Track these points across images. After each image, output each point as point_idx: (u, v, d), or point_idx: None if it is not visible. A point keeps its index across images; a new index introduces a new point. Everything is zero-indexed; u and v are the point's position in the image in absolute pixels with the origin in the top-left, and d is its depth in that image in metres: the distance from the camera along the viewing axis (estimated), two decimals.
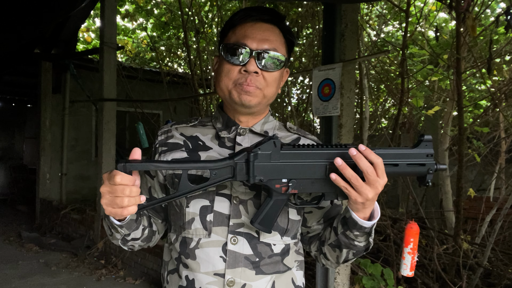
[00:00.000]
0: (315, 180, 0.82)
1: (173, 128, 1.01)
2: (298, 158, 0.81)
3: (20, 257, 4.72)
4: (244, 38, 0.90)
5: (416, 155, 0.83)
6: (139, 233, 0.94)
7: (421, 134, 0.84)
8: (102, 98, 4.82)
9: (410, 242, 1.49)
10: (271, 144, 0.81)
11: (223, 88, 0.93)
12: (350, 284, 2.82)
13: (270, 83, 0.92)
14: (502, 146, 4.14)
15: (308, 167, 0.81)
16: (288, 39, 0.97)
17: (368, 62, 4.74)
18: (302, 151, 0.82)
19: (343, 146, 0.81)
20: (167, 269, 0.98)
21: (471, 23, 2.37)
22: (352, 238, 0.88)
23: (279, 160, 0.81)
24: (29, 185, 8.18)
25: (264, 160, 0.81)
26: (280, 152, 0.81)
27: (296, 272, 0.98)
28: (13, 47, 4.84)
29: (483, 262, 3.20)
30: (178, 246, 0.94)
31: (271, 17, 0.94)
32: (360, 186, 0.77)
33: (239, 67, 0.91)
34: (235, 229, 0.90)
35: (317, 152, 0.81)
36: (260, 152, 0.80)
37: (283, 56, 0.93)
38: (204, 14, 6.81)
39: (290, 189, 0.82)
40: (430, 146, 0.83)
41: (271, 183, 0.82)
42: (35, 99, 7.12)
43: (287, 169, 0.81)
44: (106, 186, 0.77)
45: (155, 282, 3.96)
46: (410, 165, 0.83)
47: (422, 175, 0.84)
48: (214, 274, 0.89)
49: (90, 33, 9.36)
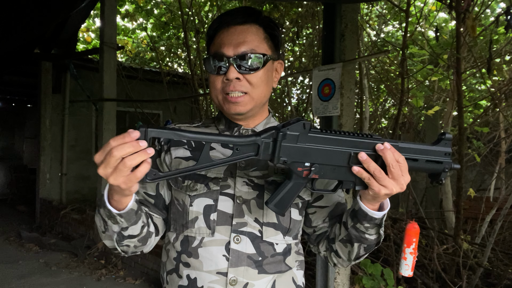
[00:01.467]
0: (337, 167, 0.81)
1: (176, 128, 1.01)
2: (324, 143, 0.80)
3: (20, 257, 4.71)
4: (221, 47, 0.90)
5: (435, 152, 0.83)
6: (137, 230, 0.88)
7: (442, 132, 0.84)
8: (102, 98, 4.82)
9: (412, 242, 1.49)
10: (301, 125, 0.78)
11: (215, 99, 0.95)
12: (350, 284, 2.82)
13: (256, 84, 0.91)
14: (502, 146, 4.14)
15: (333, 153, 0.80)
16: (269, 32, 0.94)
17: (368, 62, 4.74)
18: (330, 136, 0.80)
19: (368, 136, 0.81)
20: (166, 270, 0.98)
21: (471, 23, 2.37)
22: (363, 230, 0.87)
23: (306, 142, 0.79)
24: (29, 185, 8.19)
25: (291, 141, 0.78)
26: (308, 135, 0.78)
27: (296, 271, 0.98)
28: (13, 47, 4.83)
29: (483, 262, 3.20)
30: (178, 245, 0.94)
31: (244, 17, 0.92)
32: (384, 178, 0.77)
33: (221, 77, 0.91)
34: (238, 228, 0.91)
35: (344, 139, 0.80)
36: (289, 133, 0.77)
37: (262, 55, 0.91)
38: (204, 14, 6.81)
39: (312, 174, 0.81)
40: (449, 145, 0.84)
41: (293, 165, 0.80)
42: (35, 99, 7.11)
43: (312, 152, 0.79)
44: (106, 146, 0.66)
45: (155, 282, 3.96)
46: (428, 161, 0.83)
47: (437, 173, 0.84)
48: (216, 273, 0.89)
49: (90, 33, 9.36)
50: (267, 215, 0.92)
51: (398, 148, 0.81)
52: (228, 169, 0.93)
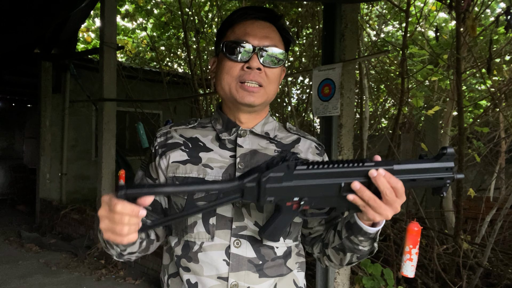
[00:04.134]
0: (328, 197, 0.80)
1: (172, 130, 0.99)
2: (312, 177, 0.78)
3: (20, 257, 4.71)
4: (245, 36, 0.91)
5: (436, 170, 0.79)
6: (136, 247, 0.92)
7: (443, 146, 0.80)
8: (102, 98, 4.82)
9: (417, 242, 1.49)
10: (284, 167, 0.77)
11: (225, 86, 0.92)
12: (350, 284, 2.82)
13: (272, 80, 0.93)
14: (502, 146, 4.14)
15: (322, 186, 0.78)
16: (285, 37, 0.97)
17: (368, 62, 4.74)
18: (317, 171, 0.77)
19: (358, 163, 0.77)
20: (168, 273, 0.97)
21: (471, 23, 2.37)
22: (357, 243, 0.87)
23: (292, 180, 0.77)
24: (29, 185, 8.18)
25: (275, 182, 0.77)
26: (293, 174, 0.77)
27: (297, 273, 0.98)
28: (13, 47, 4.83)
29: (483, 262, 3.20)
30: (179, 250, 0.93)
31: (269, 15, 0.95)
32: (379, 207, 0.75)
33: (241, 64, 0.90)
34: (238, 232, 0.90)
35: (332, 171, 0.77)
36: (272, 175, 0.76)
37: (283, 53, 0.94)
38: (204, 14, 6.81)
39: (302, 207, 0.80)
40: (452, 160, 0.78)
41: (282, 202, 0.79)
42: (35, 99, 7.11)
43: (299, 189, 0.78)
44: (105, 211, 0.71)
45: (155, 282, 3.96)
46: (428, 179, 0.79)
47: (439, 187, 0.80)
48: (217, 278, 0.89)
49: (90, 33, 9.36)
50: (267, 219, 0.92)
51: (393, 171, 0.77)
52: (226, 172, 0.92)
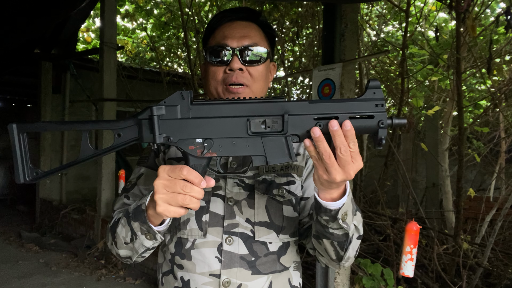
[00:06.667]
0: (236, 139, 0.69)
1: None
2: (213, 113, 0.68)
3: (20, 257, 4.71)
4: (224, 39, 0.92)
5: (361, 106, 0.66)
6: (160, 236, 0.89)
7: (368, 79, 0.70)
8: (102, 98, 4.82)
9: (417, 242, 1.49)
10: (178, 96, 0.69)
11: (212, 91, 0.95)
12: (350, 284, 2.82)
13: (257, 78, 0.93)
14: (502, 146, 4.14)
15: (226, 123, 0.68)
16: (268, 33, 0.98)
17: (368, 62, 4.74)
18: (217, 103, 0.68)
19: (271, 99, 0.67)
20: (162, 271, 0.98)
21: (471, 23, 2.37)
22: (324, 224, 0.77)
23: (190, 115, 0.69)
24: (29, 185, 8.17)
25: (171, 115, 0.69)
26: (189, 106, 0.69)
27: (293, 272, 0.98)
28: (13, 47, 4.83)
29: (483, 262, 3.20)
30: (172, 247, 0.94)
31: (247, 14, 0.96)
32: (332, 164, 0.66)
33: (224, 67, 0.92)
34: (229, 229, 0.90)
35: (235, 104, 0.68)
36: (166, 105, 0.68)
37: (265, 50, 0.94)
38: (204, 14, 6.81)
39: (206, 151, 0.69)
40: (380, 93, 0.66)
41: (183, 144, 0.70)
42: (35, 99, 7.11)
43: (200, 126, 0.69)
44: (165, 179, 0.69)
45: (155, 282, 3.96)
46: (355, 119, 0.66)
47: (373, 131, 0.67)
48: (209, 275, 0.89)
49: (90, 33, 9.35)
50: (258, 215, 0.92)
51: (309, 107, 0.66)
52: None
